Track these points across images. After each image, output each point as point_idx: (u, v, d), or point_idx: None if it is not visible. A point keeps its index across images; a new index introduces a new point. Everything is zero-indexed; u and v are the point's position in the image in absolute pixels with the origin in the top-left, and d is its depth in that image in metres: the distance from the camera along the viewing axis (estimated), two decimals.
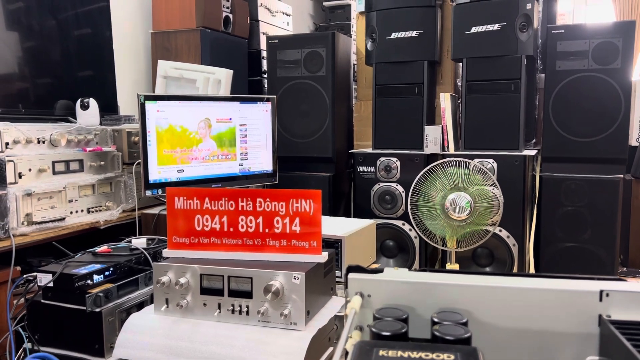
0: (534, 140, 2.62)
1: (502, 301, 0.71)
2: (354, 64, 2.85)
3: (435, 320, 0.67)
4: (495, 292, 0.71)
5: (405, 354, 0.56)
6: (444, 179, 2.17)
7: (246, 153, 2.06)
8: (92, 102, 1.87)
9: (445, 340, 0.61)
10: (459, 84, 2.53)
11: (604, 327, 0.68)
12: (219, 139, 2.00)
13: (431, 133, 2.38)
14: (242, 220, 1.49)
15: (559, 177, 2.41)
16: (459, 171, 2.19)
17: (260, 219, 1.48)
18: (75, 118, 1.90)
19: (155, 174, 1.89)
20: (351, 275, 0.77)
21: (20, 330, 1.52)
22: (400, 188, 2.42)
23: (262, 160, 2.10)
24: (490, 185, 2.19)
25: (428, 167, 2.15)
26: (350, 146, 2.72)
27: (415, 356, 0.55)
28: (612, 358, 0.66)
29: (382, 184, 2.46)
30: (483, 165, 2.21)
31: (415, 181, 2.15)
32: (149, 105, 1.81)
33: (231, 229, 1.49)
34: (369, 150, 2.50)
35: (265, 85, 2.77)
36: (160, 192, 1.84)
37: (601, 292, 0.69)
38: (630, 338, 0.60)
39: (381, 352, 0.56)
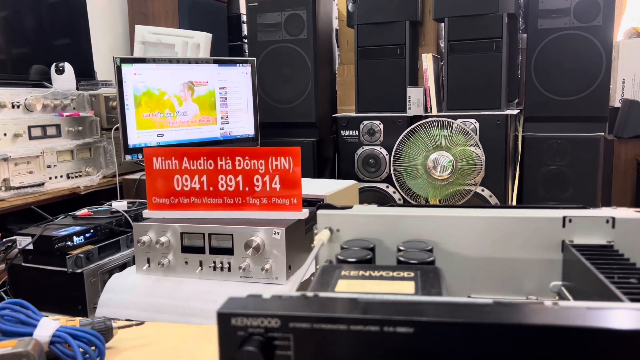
0: (517, 101, 2.62)
1: (467, 231, 0.72)
2: (336, 29, 2.81)
3: (401, 248, 0.68)
4: (460, 222, 0.72)
5: (367, 273, 0.57)
6: (426, 139, 2.17)
7: (227, 117, 2.04)
8: (68, 67, 1.83)
9: (408, 264, 0.62)
10: (442, 45, 2.51)
11: (567, 252, 0.69)
12: (200, 101, 1.98)
13: (414, 95, 2.37)
14: (221, 179, 1.48)
15: (541, 136, 2.42)
16: (442, 132, 2.19)
17: (239, 178, 1.47)
18: (51, 83, 1.87)
19: (135, 138, 1.87)
20: (320, 212, 0.77)
21: (3, 295, 1.52)
22: (384, 151, 2.42)
23: (243, 124, 2.08)
24: (473, 146, 2.20)
25: (410, 128, 2.14)
26: (334, 111, 2.71)
27: (376, 274, 0.56)
28: (575, 282, 0.67)
29: (365, 148, 2.46)
30: (466, 126, 2.21)
31: (398, 142, 2.15)
32: (126, 68, 1.78)
33: (211, 189, 1.48)
34: (352, 114, 2.48)
35: (246, 50, 2.73)
36: (140, 157, 1.83)
37: (564, 218, 0.70)
38: (592, 259, 0.61)
39: (343, 272, 0.57)
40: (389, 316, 0.40)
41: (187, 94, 1.95)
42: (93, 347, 0.79)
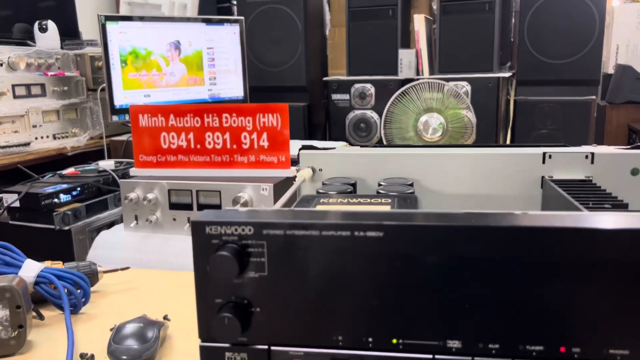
0: (509, 64, 2.60)
1: (448, 168, 0.71)
2: None
3: (382, 184, 0.67)
4: (441, 160, 0.71)
5: (345, 200, 0.56)
6: (417, 102, 2.16)
7: (215, 78, 2.02)
8: (51, 25, 1.79)
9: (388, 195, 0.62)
10: (434, 7, 2.47)
11: (546, 187, 0.69)
12: (187, 62, 1.95)
13: (405, 57, 2.34)
14: (209, 136, 1.47)
15: (533, 100, 2.40)
16: (434, 95, 2.17)
17: (227, 135, 1.46)
18: (34, 42, 1.83)
19: (121, 98, 1.85)
20: (303, 151, 0.76)
21: None
22: (375, 115, 2.40)
23: (231, 85, 2.06)
24: (464, 109, 2.19)
25: (402, 89, 2.13)
26: (325, 75, 2.68)
27: (355, 201, 0.56)
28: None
29: (357, 112, 2.44)
30: (458, 89, 2.20)
31: (389, 104, 2.13)
32: (111, 26, 1.75)
33: (198, 146, 1.47)
34: (343, 77, 2.46)
35: (235, 12, 2.68)
36: (127, 117, 1.81)
37: (544, 154, 0.69)
38: (570, 192, 0.61)
39: (322, 200, 0.57)
40: (359, 221, 0.40)
41: (174, 53, 1.92)
42: (79, 290, 0.79)
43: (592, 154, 0.69)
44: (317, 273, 0.41)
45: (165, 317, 0.73)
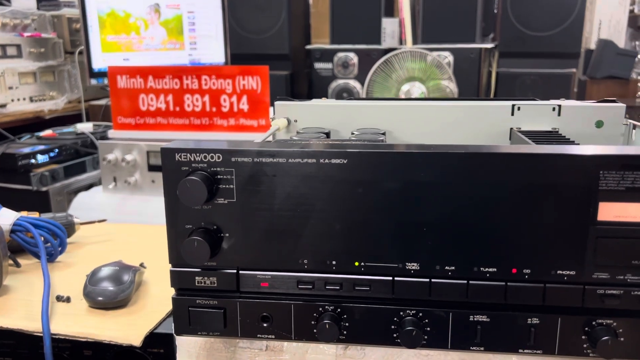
0: (492, 35, 2.61)
1: (420, 120, 0.73)
2: None
3: (355, 133, 0.69)
4: (413, 112, 0.73)
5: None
6: (399, 71, 2.16)
7: (195, 43, 1.99)
8: None
9: None
10: None
11: (514, 138, 0.71)
12: (167, 25, 1.92)
13: (389, 26, 2.34)
14: (188, 99, 1.46)
15: (514, 72, 2.42)
16: (416, 65, 2.18)
17: (206, 98, 1.46)
18: (9, 2, 1.79)
19: (100, 62, 1.82)
20: (278, 102, 0.77)
21: None
22: (358, 85, 2.40)
23: (212, 51, 2.04)
24: (447, 80, 2.20)
25: (384, 58, 2.12)
26: (308, 44, 2.66)
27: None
28: None
29: (339, 81, 2.43)
30: (440, 59, 2.20)
31: (371, 72, 2.13)
32: None
33: (177, 109, 1.47)
34: (327, 45, 2.45)
35: None
36: (106, 81, 1.78)
37: (513, 106, 0.71)
38: (536, 141, 0.63)
39: (297, 137, 0.58)
40: (324, 149, 0.41)
41: (154, 16, 1.89)
42: (56, 239, 0.79)
43: (559, 106, 0.71)
44: (283, 199, 0.42)
45: (141, 265, 0.74)
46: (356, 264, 0.43)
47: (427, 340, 0.43)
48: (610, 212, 0.40)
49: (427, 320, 0.43)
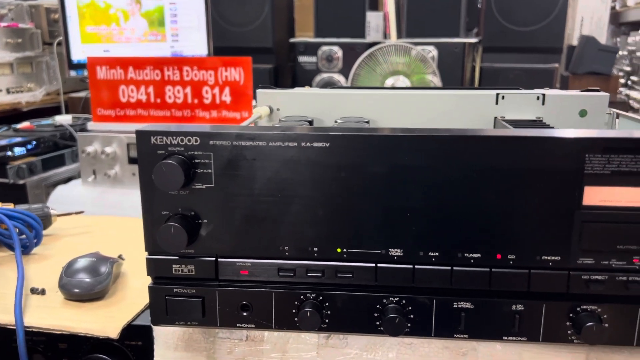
0: (476, 30, 2.62)
1: (404, 108, 0.72)
2: None
3: (338, 121, 0.68)
4: (398, 100, 0.72)
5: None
6: (384, 65, 2.16)
7: (177, 35, 1.96)
8: None
9: None
10: None
11: (498, 127, 0.70)
12: (148, 17, 1.89)
13: (373, 20, 2.33)
14: (169, 90, 1.44)
15: (498, 67, 2.43)
16: (400, 59, 2.17)
17: (188, 89, 1.43)
18: None
19: (79, 53, 1.78)
20: (260, 91, 0.76)
21: None
22: (342, 79, 2.39)
23: (195, 43, 2.01)
24: (431, 74, 2.20)
25: (368, 51, 2.12)
26: (292, 37, 2.64)
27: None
28: None
29: (324, 75, 2.42)
30: (424, 53, 2.20)
31: (355, 66, 2.12)
32: None
33: (158, 100, 1.44)
34: (311, 39, 2.43)
35: None
36: (85, 73, 1.74)
37: (497, 95, 0.71)
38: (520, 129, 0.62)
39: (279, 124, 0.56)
40: (306, 132, 0.40)
41: (135, 8, 1.86)
42: (31, 231, 0.77)
43: (543, 95, 0.71)
44: (263, 184, 0.41)
45: (119, 256, 0.72)
46: (338, 250, 0.42)
47: (410, 327, 0.42)
48: (595, 196, 0.39)
49: (410, 308, 0.42)
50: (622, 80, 3.23)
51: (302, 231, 0.42)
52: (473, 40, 2.41)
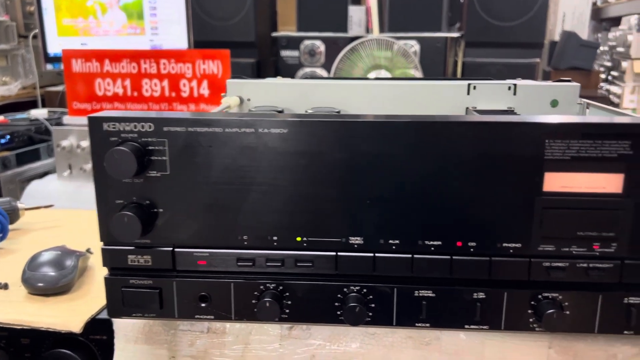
0: (458, 25, 2.62)
1: (376, 99, 0.71)
2: None
3: (309, 111, 0.67)
4: (369, 91, 0.71)
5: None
6: (366, 59, 2.15)
7: (157, 28, 1.93)
8: None
9: None
10: None
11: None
12: (127, 10, 1.86)
13: (355, 14, 2.32)
14: (146, 83, 1.42)
15: (480, 62, 2.44)
16: (382, 53, 2.17)
17: (165, 82, 1.41)
18: None
19: (56, 46, 1.75)
20: (230, 81, 0.74)
21: None
22: (325, 73, 2.38)
23: (174, 37, 1.98)
24: (413, 69, 2.20)
25: (350, 45, 2.11)
26: (274, 31, 2.62)
27: None
28: None
29: (306, 69, 2.40)
30: (407, 48, 2.20)
31: (338, 60, 2.11)
32: None
33: (135, 94, 1.42)
34: (293, 33, 2.41)
35: None
36: (62, 66, 1.71)
37: (469, 85, 0.70)
38: None
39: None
40: (263, 117, 0.39)
41: (113, 0, 1.83)
42: None
43: (515, 85, 0.70)
44: (220, 172, 0.40)
45: (87, 250, 0.71)
46: (298, 239, 0.41)
47: (371, 317, 0.42)
48: (556, 182, 0.39)
49: (371, 297, 0.42)
50: (602, 76, 3.26)
51: (261, 220, 0.41)
52: (455, 35, 2.41)
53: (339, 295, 0.42)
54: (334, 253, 0.41)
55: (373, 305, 0.42)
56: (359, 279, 0.42)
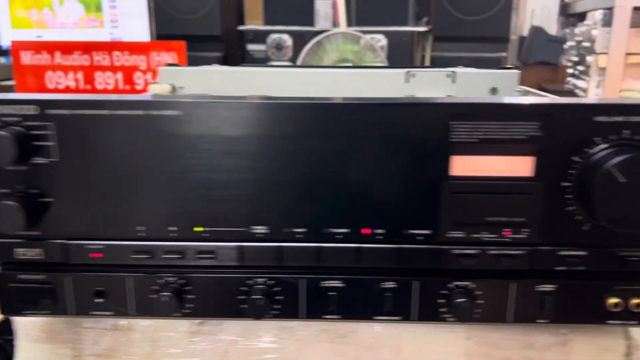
0: (426, 19, 2.62)
1: (313, 87, 0.69)
2: None
3: None
4: (306, 78, 0.69)
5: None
6: (332, 53, 2.13)
7: (116, 20, 1.88)
8: None
9: None
10: None
11: None
12: (84, 1, 1.81)
13: (322, 7, 2.30)
14: (99, 76, 1.38)
15: (448, 56, 2.44)
16: (349, 47, 2.15)
17: (119, 75, 1.38)
18: None
19: (9, 39, 1.69)
20: (162, 68, 0.72)
21: None
22: None
23: (136, 29, 1.93)
24: (379, 63, 2.18)
25: (316, 39, 2.09)
26: (241, 24, 2.58)
27: None
28: None
29: (273, 63, 2.37)
30: (374, 42, 2.19)
31: (303, 54, 2.09)
32: None
33: (88, 87, 1.38)
34: (260, 27, 2.38)
35: None
36: None
37: (407, 72, 0.69)
38: None
39: None
40: (153, 99, 0.37)
41: None
42: None
43: (454, 72, 0.69)
44: (113, 158, 0.38)
45: None
46: (198, 229, 0.39)
47: (280, 310, 0.40)
48: (463, 166, 0.37)
49: (278, 289, 0.40)
50: (569, 70, 3.30)
51: (157, 209, 0.38)
52: (422, 29, 2.41)
53: (243, 288, 0.40)
54: (236, 243, 0.39)
55: (280, 297, 0.40)
56: (265, 270, 0.40)
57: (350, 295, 0.40)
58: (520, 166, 0.37)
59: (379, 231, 0.38)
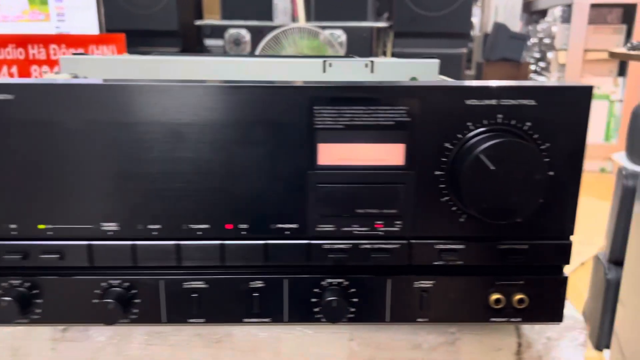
0: (387, 15, 2.61)
1: (229, 76, 0.66)
2: None
3: None
4: (221, 67, 0.66)
5: None
6: (289, 48, 2.10)
7: (63, 14, 1.82)
8: None
9: None
10: None
11: None
12: None
13: (281, 2, 2.26)
14: (35, 71, 1.32)
15: (409, 52, 2.43)
16: (306, 43, 2.12)
17: (56, 69, 1.32)
18: None
19: None
20: (63, 57, 0.67)
21: None
22: None
23: (85, 23, 1.87)
24: None
25: (272, 34, 2.05)
26: (199, 19, 2.53)
27: None
28: None
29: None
30: (333, 38, 2.16)
31: (259, 49, 2.05)
32: None
33: None
34: (217, 21, 2.34)
35: None
36: None
37: (324, 62, 0.66)
38: None
39: None
40: None
41: None
42: None
43: (372, 62, 0.67)
44: None
45: None
46: (41, 227, 0.35)
47: (138, 314, 0.36)
48: (330, 154, 0.34)
49: (135, 291, 0.36)
50: (532, 67, 3.33)
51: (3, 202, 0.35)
52: (382, 24, 2.40)
53: (96, 291, 0.36)
54: (86, 242, 0.35)
55: (138, 300, 0.36)
56: (119, 272, 0.36)
57: (215, 297, 0.36)
58: (390, 154, 0.34)
59: (243, 226, 0.35)
